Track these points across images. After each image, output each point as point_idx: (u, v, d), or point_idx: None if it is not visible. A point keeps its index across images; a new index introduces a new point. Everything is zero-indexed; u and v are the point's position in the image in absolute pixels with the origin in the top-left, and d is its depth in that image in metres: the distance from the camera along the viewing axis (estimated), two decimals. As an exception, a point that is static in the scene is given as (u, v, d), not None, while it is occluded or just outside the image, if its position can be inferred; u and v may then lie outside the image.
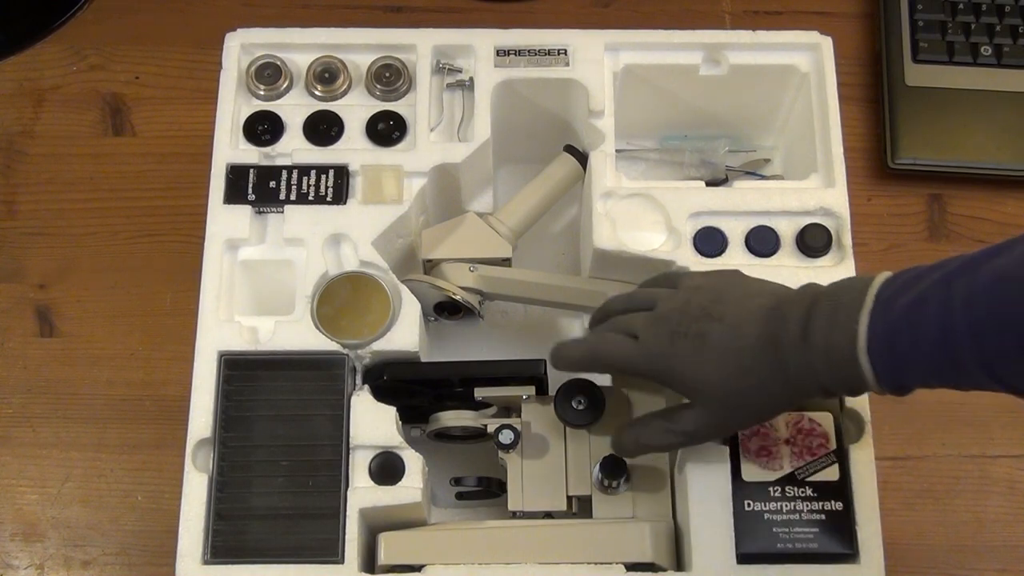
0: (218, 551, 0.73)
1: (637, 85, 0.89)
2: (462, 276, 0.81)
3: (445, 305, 0.81)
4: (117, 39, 0.99)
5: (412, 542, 0.73)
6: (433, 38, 0.87)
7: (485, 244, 0.81)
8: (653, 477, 0.76)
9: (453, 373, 0.77)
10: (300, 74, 0.87)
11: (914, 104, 0.94)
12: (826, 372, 0.60)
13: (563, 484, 0.75)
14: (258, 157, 0.83)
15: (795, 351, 0.61)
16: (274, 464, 0.74)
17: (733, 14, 1.00)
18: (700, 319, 0.65)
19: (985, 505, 0.84)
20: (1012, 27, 0.96)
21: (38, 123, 0.95)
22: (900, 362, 0.57)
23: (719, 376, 0.64)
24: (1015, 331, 0.51)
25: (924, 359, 0.56)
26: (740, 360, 0.63)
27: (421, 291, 0.79)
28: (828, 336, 0.59)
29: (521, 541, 0.72)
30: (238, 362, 0.77)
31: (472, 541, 0.73)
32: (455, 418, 0.78)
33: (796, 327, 0.61)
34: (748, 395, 0.64)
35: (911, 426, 0.85)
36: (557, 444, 0.76)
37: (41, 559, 0.82)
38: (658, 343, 0.66)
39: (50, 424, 0.85)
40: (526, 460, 0.76)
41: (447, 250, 0.81)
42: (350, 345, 0.78)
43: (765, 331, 0.63)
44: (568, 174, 0.85)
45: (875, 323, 0.57)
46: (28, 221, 0.92)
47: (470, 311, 0.81)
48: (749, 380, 0.63)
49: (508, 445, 0.74)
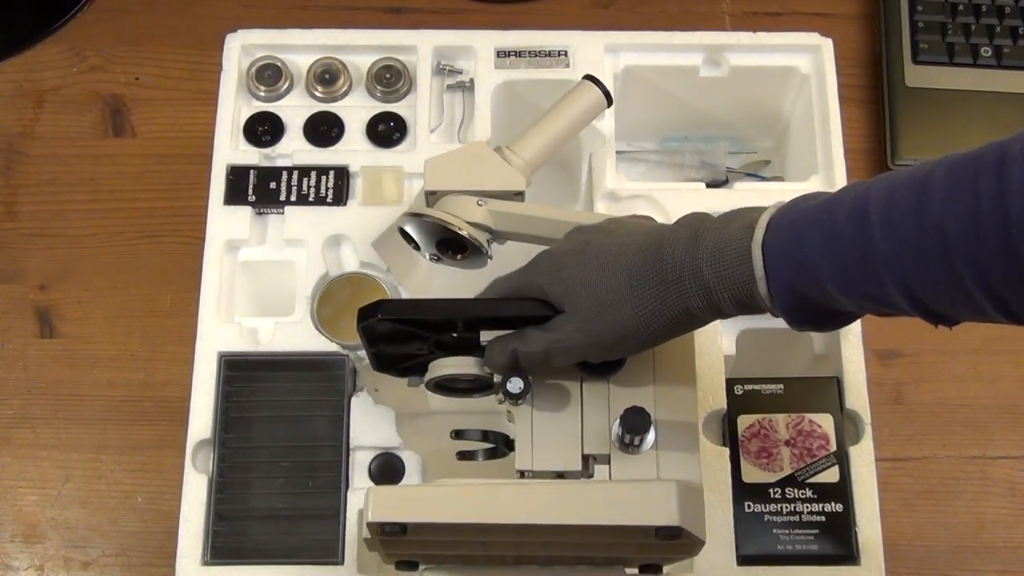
0: (218, 552, 0.73)
1: (637, 86, 0.89)
2: (469, 210, 0.71)
3: (449, 242, 0.72)
4: (117, 40, 0.98)
5: (404, 499, 0.61)
6: (433, 39, 0.87)
7: (496, 176, 0.72)
8: (682, 433, 0.66)
9: (455, 311, 0.66)
10: (300, 75, 0.87)
11: (914, 105, 0.94)
12: (711, 271, 0.55)
13: (578, 441, 0.66)
14: (258, 158, 0.83)
15: (679, 250, 0.57)
16: (274, 465, 0.74)
17: (733, 15, 1.00)
18: (590, 233, 0.63)
19: (985, 506, 0.84)
20: (1012, 28, 0.96)
21: (38, 124, 0.95)
22: (796, 259, 0.53)
23: (595, 276, 0.60)
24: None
25: (827, 259, 0.52)
26: (618, 260, 0.59)
27: (422, 226, 0.71)
28: (719, 233, 0.56)
29: (528, 499, 0.61)
30: (238, 363, 0.77)
31: (472, 498, 0.61)
32: (458, 365, 0.68)
33: (685, 231, 0.58)
34: (622, 297, 0.59)
35: (911, 427, 0.85)
36: (573, 396, 0.67)
37: (41, 560, 0.82)
38: (549, 267, 0.63)
39: (50, 425, 0.85)
40: (537, 413, 0.67)
41: (453, 181, 0.72)
42: (350, 346, 0.78)
43: (651, 236, 0.59)
44: (590, 104, 0.76)
45: (775, 220, 0.54)
46: (28, 222, 0.92)
47: (477, 249, 0.72)
48: (621, 279, 0.59)
49: (517, 395, 0.65)
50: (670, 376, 0.67)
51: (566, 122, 0.75)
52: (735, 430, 0.76)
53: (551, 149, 0.75)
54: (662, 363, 0.67)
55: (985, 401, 0.86)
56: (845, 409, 0.76)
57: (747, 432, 0.75)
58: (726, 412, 0.76)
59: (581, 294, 0.60)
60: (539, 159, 0.74)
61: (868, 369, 0.78)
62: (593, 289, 0.60)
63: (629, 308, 0.59)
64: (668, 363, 0.67)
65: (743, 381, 0.77)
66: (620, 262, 0.59)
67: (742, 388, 0.77)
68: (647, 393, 0.67)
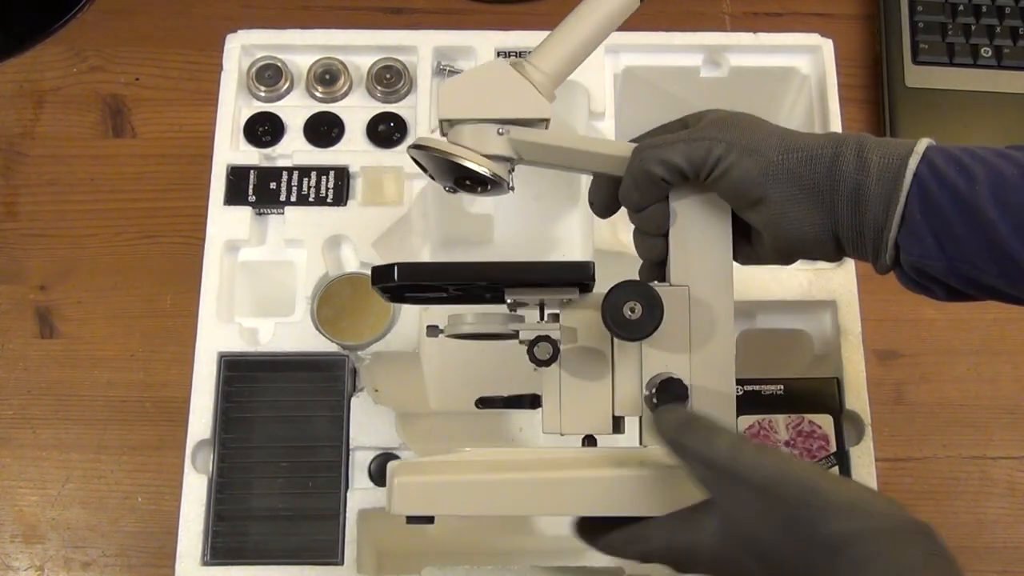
0: (218, 552, 0.73)
1: (638, 87, 0.89)
2: (488, 141, 0.63)
3: (467, 176, 0.66)
4: (117, 40, 0.99)
5: (428, 491, 0.61)
6: (433, 40, 0.87)
7: (518, 101, 0.64)
8: (718, 400, 0.63)
9: (478, 277, 0.62)
10: (301, 75, 0.87)
11: (914, 105, 0.94)
12: (872, 178, 0.55)
13: (609, 403, 0.63)
14: (258, 158, 0.83)
15: (853, 144, 0.56)
16: (274, 465, 0.74)
17: (733, 16, 1.00)
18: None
19: (985, 506, 0.84)
20: (1012, 28, 0.96)
21: (38, 124, 0.95)
22: (939, 197, 0.53)
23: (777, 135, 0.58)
24: None
25: (965, 199, 0.52)
26: (790, 130, 0.59)
27: (436, 161, 0.65)
28: (880, 144, 0.56)
29: (551, 491, 0.60)
30: (238, 363, 0.77)
31: (496, 491, 0.60)
32: (480, 322, 0.64)
33: (854, 139, 0.57)
34: (787, 140, 0.58)
35: (911, 428, 0.85)
36: (604, 357, 0.64)
37: (41, 560, 0.82)
38: (716, 124, 0.60)
39: (50, 425, 0.85)
40: (565, 374, 0.63)
41: (470, 108, 0.64)
42: (350, 346, 0.78)
43: (826, 133, 0.59)
44: (620, 2, 0.65)
45: (932, 155, 0.54)
46: (28, 223, 0.92)
47: (497, 183, 0.65)
48: (801, 144, 0.57)
49: (544, 361, 0.61)
50: (705, 342, 0.63)
51: (594, 23, 0.65)
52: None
53: (578, 58, 0.66)
54: (698, 326, 0.63)
55: (985, 401, 0.86)
56: (845, 410, 0.76)
57: (747, 433, 0.75)
58: (726, 412, 0.76)
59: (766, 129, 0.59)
60: (565, 70, 0.66)
61: (868, 370, 0.78)
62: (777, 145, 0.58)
63: (810, 178, 0.57)
64: (704, 327, 0.63)
65: (743, 382, 0.77)
66: (796, 135, 0.58)
67: (742, 389, 0.77)
68: (682, 358, 0.63)
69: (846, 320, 0.80)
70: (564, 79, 0.65)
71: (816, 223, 0.57)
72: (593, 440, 0.64)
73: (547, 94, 0.64)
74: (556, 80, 0.65)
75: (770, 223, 0.58)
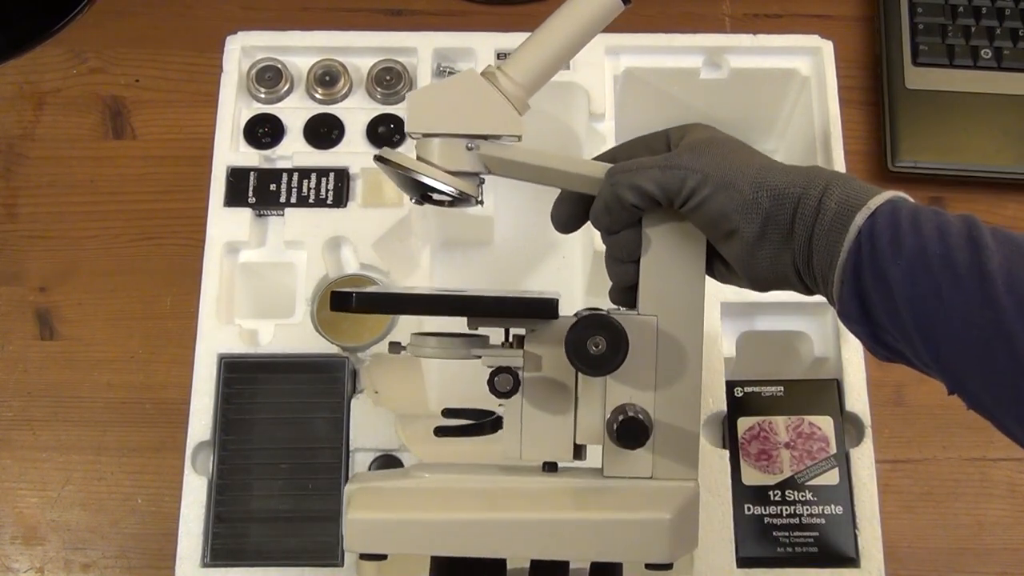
0: (218, 554, 0.73)
1: (638, 88, 0.89)
2: (457, 157, 0.61)
3: (433, 192, 0.63)
4: (117, 42, 0.99)
5: (383, 531, 0.60)
6: (433, 41, 0.87)
7: (490, 116, 0.61)
8: (681, 438, 0.62)
9: (438, 308, 0.62)
10: (301, 77, 0.87)
11: (914, 107, 0.94)
12: (824, 227, 0.54)
13: (571, 431, 0.63)
14: (258, 160, 0.83)
15: (820, 186, 0.55)
16: (274, 467, 0.74)
17: (733, 17, 1.00)
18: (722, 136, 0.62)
19: (986, 508, 0.83)
20: (1012, 30, 0.96)
21: (38, 126, 0.95)
22: (886, 241, 0.52)
23: (747, 160, 0.58)
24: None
25: (915, 247, 0.51)
26: (767, 160, 0.59)
27: (401, 177, 0.62)
28: (844, 190, 0.55)
29: (513, 533, 0.60)
30: (238, 365, 0.77)
31: (454, 532, 0.60)
32: (442, 347, 0.63)
33: (823, 181, 0.56)
34: (762, 175, 0.57)
35: (911, 429, 0.85)
36: (567, 389, 0.63)
37: (41, 562, 0.82)
38: (691, 149, 0.60)
39: (50, 427, 0.85)
40: (526, 403, 0.62)
41: (439, 122, 0.61)
42: (350, 348, 0.78)
43: (804, 168, 0.58)
44: (602, 5, 0.62)
45: (882, 208, 0.54)
46: (28, 224, 0.92)
47: (464, 200, 0.63)
48: (771, 174, 0.57)
49: (505, 393, 0.61)
50: (672, 376, 0.62)
51: (572, 29, 0.61)
52: (735, 432, 0.76)
53: (556, 66, 0.63)
54: (665, 360, 0.63)
55: (985, 403, 0.86)
56: (845, 411, 0.76)
57: (747, 434, 0.75)
58: (726, 414, 0.76)
59: (735, 163, 0.58)
60: (540, 80, 0.63)
61: (868, 371, 0.78)
62: (744, 169, 0.57)
63: (768, 180, 0.57)
64: (671, 361, 0.63)
65: (743, 383, 0.77)
66: (766, 162, 0.58)
67: (742, 390, 0.77)
68: (647, 393, 0.63)
69: (846, 322, 0.80)
70: (540, 88, 0.63)
71: (783, 262, 0.56)
72: (554, 466, 0.63)
73: (520, 107, 0.62)
74: (531, 91, 0.62)
75: (740, 258, 0.57)
